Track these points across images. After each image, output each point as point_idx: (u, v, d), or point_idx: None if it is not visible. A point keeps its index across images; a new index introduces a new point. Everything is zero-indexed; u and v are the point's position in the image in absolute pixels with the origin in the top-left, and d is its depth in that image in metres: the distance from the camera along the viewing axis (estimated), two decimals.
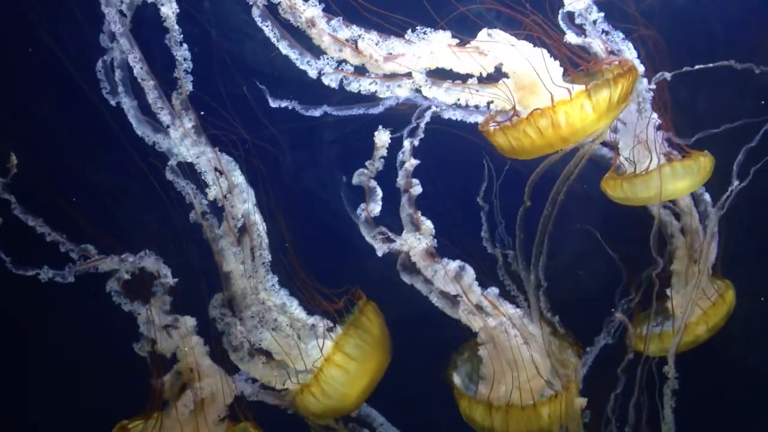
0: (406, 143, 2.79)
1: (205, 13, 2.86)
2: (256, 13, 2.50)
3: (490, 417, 2.80)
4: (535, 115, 2.50)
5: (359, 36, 2.51)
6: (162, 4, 2.50)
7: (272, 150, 3.02)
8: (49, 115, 2.97)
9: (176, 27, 2.52)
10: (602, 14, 2.75)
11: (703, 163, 2.93)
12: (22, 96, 2.93)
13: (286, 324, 2.74)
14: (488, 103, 2.67)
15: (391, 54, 2.53)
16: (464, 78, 2.63)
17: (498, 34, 2.57)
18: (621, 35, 2.80)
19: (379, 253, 2.82)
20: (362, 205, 2.80)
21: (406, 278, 2.84)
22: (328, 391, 2.66)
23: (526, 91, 2.62)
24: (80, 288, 2.67)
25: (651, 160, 2.94)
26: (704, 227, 3.20)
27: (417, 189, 2.81)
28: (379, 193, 2.77)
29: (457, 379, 2.97)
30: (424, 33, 2.52)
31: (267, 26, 2.52)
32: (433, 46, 2.53)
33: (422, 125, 2.81)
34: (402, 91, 2.60)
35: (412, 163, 2.80)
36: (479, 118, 2.83)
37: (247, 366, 2.75)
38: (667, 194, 2.95)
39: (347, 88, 2.58)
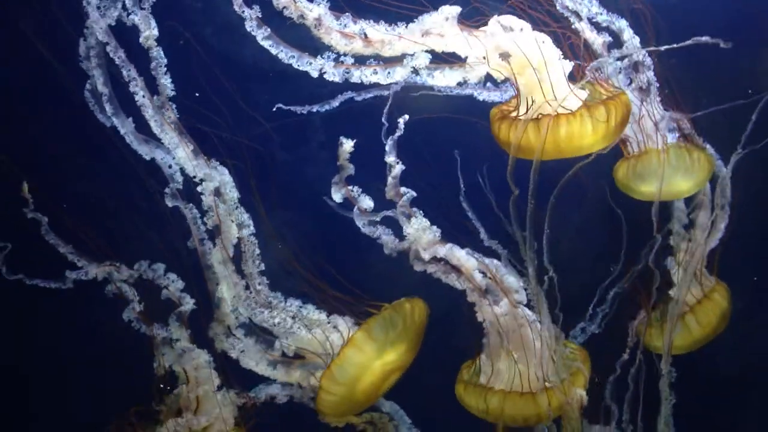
0: (389, 159, 2.78)
1: (198, 12, 2.85)
2: (249, 25, 2.49)
3: (485, 402, 2.81)
4: (542, 118, 2.52)
5: (368, 27, 2.52)
6: (143, 28, 2.52)
7: (268, 149, 3.02)
8: (48, 126, 2.96)
9: (161, 55, 2.56)
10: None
11: (697, 159, 2.94)
12: (20, 108, 2.92)
13: (303, 331, 2.78)
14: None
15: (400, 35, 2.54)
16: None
17: (508, 19, 2.57)
18: (625, 22, 2.84)
19: (387, 251, 2.82)
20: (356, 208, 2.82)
21: (419, 267, 2.83)
22: (337, 376, 2.67)
23: (529, 80, 2.61)
24: (81, 291, 2.71)
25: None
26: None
27: (408, 195, 2.81)
28: (365, 197, 2.79)
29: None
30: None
31: (262, 34, 2.52)
32: (441, 18, 2.52)
33: (401, 125, 2.78)
34: (403, 71, 2.59)
35: (396, 174, 2.78)
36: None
37: (274, 374, 2.81)
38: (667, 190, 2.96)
39: (351, 80, 2.61)
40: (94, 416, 3.18)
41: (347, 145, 2.71)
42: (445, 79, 2.64)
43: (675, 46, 2.71)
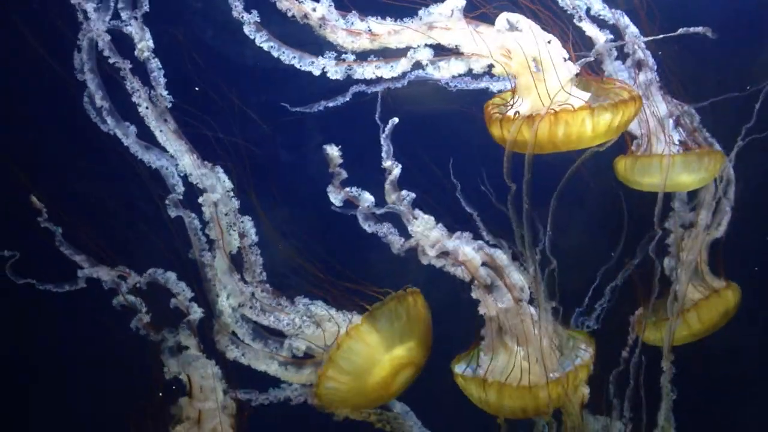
0: (386, 164, 2.76)
1: (197, 13, 2.84)
2: (247, 29, 2.48)
3: (484, 392, 2.81)
4: (536, 117, 2.50)
5: (374, 22, 2.53)
6: (138, 39, 2.51)
7: (270, 149, 3.02)
8: (48, 128, 2.95)
9: (158, 65, 2.57)
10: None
11: (706, 162, 2.94)
12: (20, 109, 2.91)
13: (311, 329, 2.78)
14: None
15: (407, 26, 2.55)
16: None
17: (515, 17, 2.57)
18: (627, 19, 2.86)
19: (395, 251, 2.81)
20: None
21: (425, 260, 2.83)
22: (343, 366, 2.67)
23: (531, 78, 2.61)
24: (81, 291, 2.72)
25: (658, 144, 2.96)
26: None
27: (409, 198, 2.80)
28: (365, 194, 2.77)
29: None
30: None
31: (261, 38, 2.53)
32: (446, 11, 2.53)
33: (390, 127, 2.77)
34: (406, 63, 2.59)
35: (394, 178, 2.77)
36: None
37: (285, 375, 2.80)
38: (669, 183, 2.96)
39: (354, 77, 2.62)
40: (94, 416, 3.19)
41: (332, 151, 2.70)
42: (450, 70, 2.64)
43: (661, 36, 2.71)
